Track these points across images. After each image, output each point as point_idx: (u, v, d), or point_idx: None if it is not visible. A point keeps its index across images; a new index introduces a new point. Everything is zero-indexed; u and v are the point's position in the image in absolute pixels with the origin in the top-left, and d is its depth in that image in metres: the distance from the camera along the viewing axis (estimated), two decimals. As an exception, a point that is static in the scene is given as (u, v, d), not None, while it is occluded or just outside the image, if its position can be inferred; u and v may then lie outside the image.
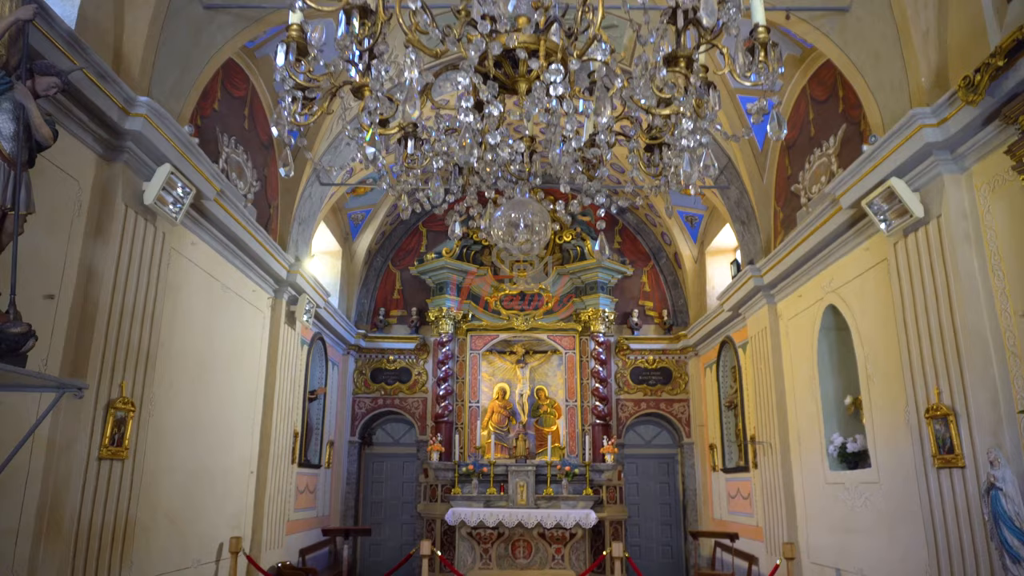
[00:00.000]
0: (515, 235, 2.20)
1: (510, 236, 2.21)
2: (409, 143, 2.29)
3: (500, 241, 2.32)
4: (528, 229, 2.19)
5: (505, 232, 2.22)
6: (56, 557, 4.85)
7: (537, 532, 10.70)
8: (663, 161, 2.34)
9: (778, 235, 8.94)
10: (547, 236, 2.32)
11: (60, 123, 4.92)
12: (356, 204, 12.48)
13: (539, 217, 2.21)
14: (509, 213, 2.20)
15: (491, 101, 1.90)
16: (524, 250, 2.33)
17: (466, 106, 1.88)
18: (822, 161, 7.73)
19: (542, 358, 12.91)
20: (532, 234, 2.21)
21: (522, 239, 2.21)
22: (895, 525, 6.36)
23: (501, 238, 2.27)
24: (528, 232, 2.19)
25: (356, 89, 2.11)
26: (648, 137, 2.39)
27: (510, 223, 2.18)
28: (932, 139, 5.33)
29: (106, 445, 5.29)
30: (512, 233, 2.20)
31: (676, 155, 2.22)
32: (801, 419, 8.36)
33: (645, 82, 1.99)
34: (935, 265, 5.57)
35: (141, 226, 5.83)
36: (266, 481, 8.63)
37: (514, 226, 2.19)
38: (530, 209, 2.20)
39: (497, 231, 2.25)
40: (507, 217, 2.18)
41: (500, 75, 2.19)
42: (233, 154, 7.77)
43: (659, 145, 2.36)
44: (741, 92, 8.71)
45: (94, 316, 5.27)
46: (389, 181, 2.32)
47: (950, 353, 5.38)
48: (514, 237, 2.20)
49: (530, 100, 1.91)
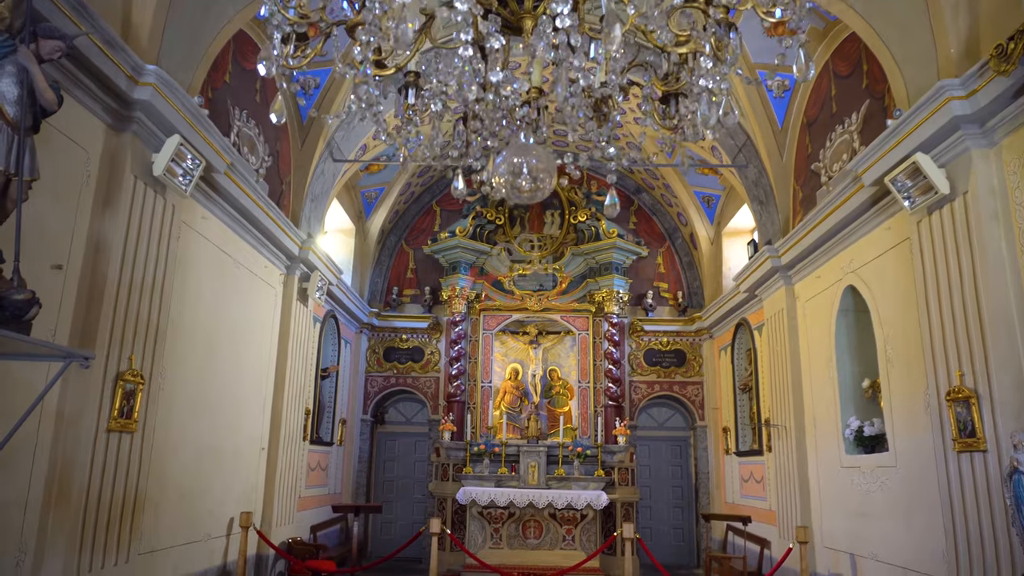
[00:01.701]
0: (518, 182, 2.08)
1: (513, 184, 2.09)
2: (410, 93, 2.18)
3: (502, 189, 2.20)
4: (532, 176, 2.06)
5: (508, 180, 2.10)
6: (65, 529, 4.85)
7: (548, 512, 10.67)
8: (679, 113, 2.21)
9: (797, 215, 8.77)
10: (552, 185, 2.19)
11: (68, 91, 4.87)
12: (370, 182, 12.40)
13: (544, 163, 2.08)
14: (512, 158, 2.07)
15: (492, 34, 1.78)
16: (528, 199, 2.20)
17: (465, 39, 1.77)
18: (844, 139, 7.54)
19: (555, 339, 12.82)
20: (537, 181, 2.08)
21: (526, 187, 2.08)
22: (912, 510, 6.25)
23: (504, 186, 2.15)
24: (532, 179, 2.06)
25: (351, 28, 2.01)
26: (663, 84, 2.25)
27: (513, 169, 2.06)
28: (960, 112, 5.15)
29: (115, 417, 5.27)
30: (515, 180, 2.08)
31: (693, 100, 2.09)
32: (817, 402, 8.23)
33: (660, 14, 1.86)
34: (960, 244, 5.40)
35: (150, 198, 5.78)
36: (277, 458, 8.63)
37: (517, 173, 2.07)
38: (534, 154, 2.08)
39: (499, 178, 2.13)
40: (509, 163, 2.06)
41: (504, 12, 2.06)
42: (245, 128, 7.70)
43: (675, 95, 2.23)
44: (760, 67, 8.51)
45: (103, 288, 5.23)
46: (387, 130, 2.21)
47: (974, 334, 5.23)
48: (517, 184, 2.08)
49: (536, 35, 1.79)
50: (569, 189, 13.35)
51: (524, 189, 2.10)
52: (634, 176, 13.53)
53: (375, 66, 2.11)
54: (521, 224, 13.45)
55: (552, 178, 2.17)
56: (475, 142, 2.35)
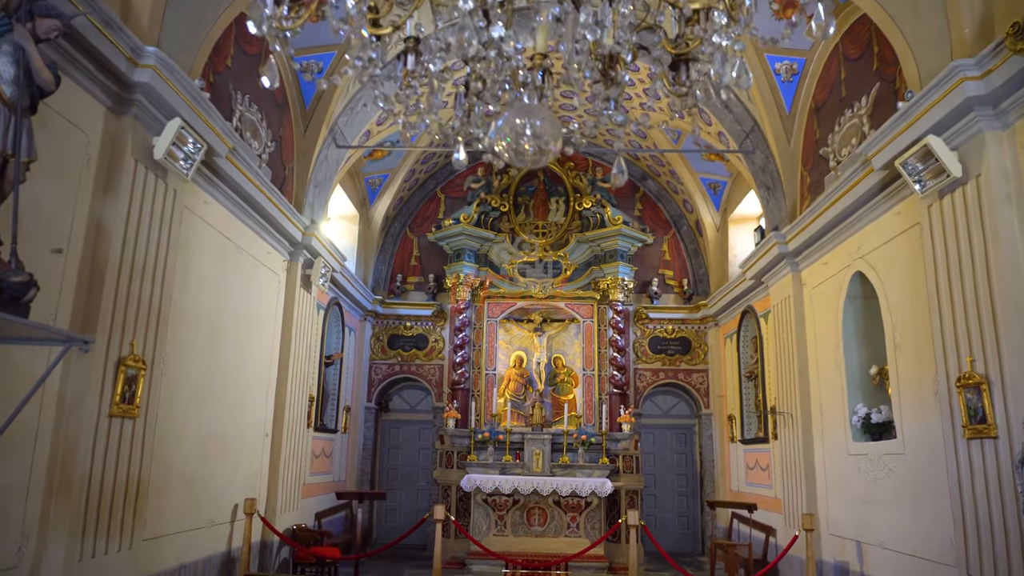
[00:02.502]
0: (521, 144, 1.99)
1: (516, 147, 2.00)
2: (409, 59, 2.11)
3: (504, 153, 2.11)
4: (536, 137, 1.97)
5: (510, 144, 2.01)
6: (67, 514, 4.83)
7: (552, 500, 10.65)
8: (689, 78, 2.12)
9: (804, 201, 8.67)
10: (558, 149, 2.10)
11: (66, 73, 4.80)
12: (373, 169, 12.32)
13: (549, 126, 2.00)
14: (514, 119, 1.99)
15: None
16: (532, 162, 2.11)
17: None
18: (853, 123, 7.44)
19: (560, 326, 12.77)
20: (541, 143, 1.99)
21: (530, 149, 1.99)
22: (920, 497, 6.19)
23: (506, 149, 2.06)
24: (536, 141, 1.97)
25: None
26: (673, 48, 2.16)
27: (515, 131, 1.98)
28: (974, 92, 5.05)
29: (117, 403, 5.23)
30: (518, 143, 1.99)
31: (706, 60, 2.00)
32: (824, 389, 8.17)
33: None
34: (972, 228, 5.32)
35: (151, 182, 5.72)
36: (281, 445, 8.61)
37: (520, 133, 1.98)
38: (539, 115, 1.99)
39: (501, 141, 2.04)
40: (512, 124, 1.98)
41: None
42: (247, 113, 7.62)
43: (685, 61, 2.14)
44: (770, 51, 8.40)
45: (103, 272, 5.18)
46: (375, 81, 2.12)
47: (985, 320, 5.16)
48: (520, 147, 2.00)
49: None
50: (574, 176, 13.26)
51: (528, 152, 2.01)
52: (640, 163, 13.43)
53: (371, 25, 2.03)
54: (526, 211, 13.37)
55: (557, 141, 2.08)
56: (477, 109, 2.27)
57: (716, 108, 9.67)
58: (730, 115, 9.54)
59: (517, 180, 13.35)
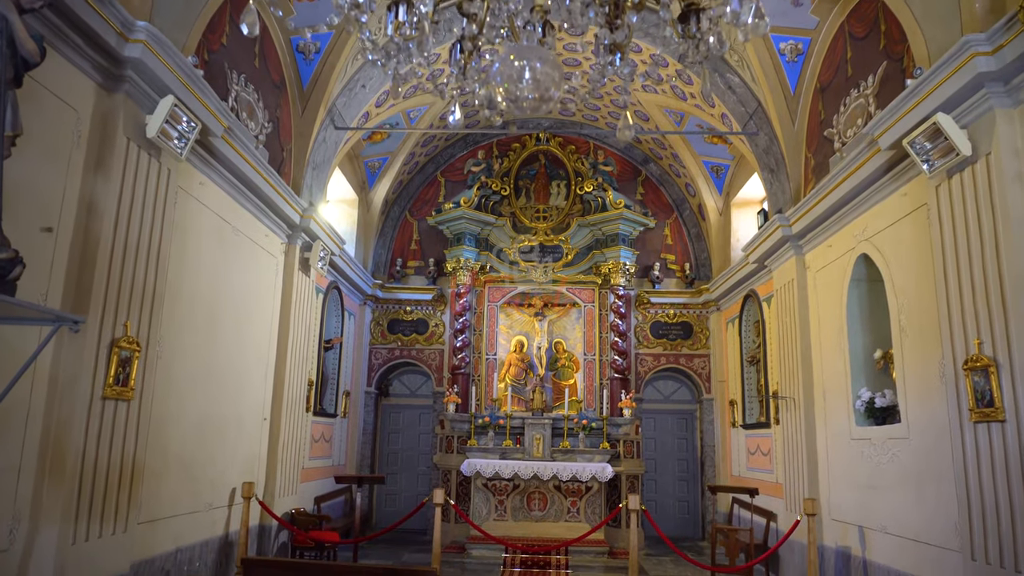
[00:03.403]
0: (520, 88, 1.88)
1: (513, 89, 1.89)
2: (400, 9, 2.00)
3: (500, 97, 2.00)
4: (534, 79, 1.87)
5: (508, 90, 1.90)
6: (60, 496, 4.76)
7: (553, 485, 10.61)
8: (700, 28, 2.01)
9: (808, 183, 8.55)
10: (559, 93, 2.00)
11: (55, 47, 4.70)
12: (373, 152, 12.20)
13: (550, 68, 1.89)
14: (511, 60, 1.88)
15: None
16: (532, 108, 2.01)
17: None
18: (859, 103, 7.30)
19: (561, 311, 12.69)
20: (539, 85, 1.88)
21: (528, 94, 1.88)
22: (924, 482, 6.12)
23: (503, 93, 1.96)
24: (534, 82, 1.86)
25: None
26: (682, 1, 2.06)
27: (513, 73, 1.87)
28: (985, 68, 4.92)
29: (111, 384, 5.16)
30: (515, 86, 1.88)
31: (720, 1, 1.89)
32: (827, 374, 8.09)
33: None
34: (981, 208, 5.21)
35: (145, 161, 5.61)
36: (279, 429, 8.55)
37: (518, 78, 1.87)
38: (539, 56, 1.88)
39: (496, 86, 1.93)
40: (508, 65, 1.87)
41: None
42: (243, 92, 7.50)
43: (695, 11, 2.03)
44: (773, 30, 8.26)
45: (95, 252, 5.08)
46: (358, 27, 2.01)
47: (994, 301, 5.06)
48: (519, 93, 1.89)
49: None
50: (576, 159, 13.13)
51: (526, 98, 1.90)
52: (642, 146, 13.29)
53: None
54: (527, 195, 13.25)
55: (559, 86, 1.97)
56: (475, 62, 2.15)
57: (720, 89, 9.53)
58: (733, 96, 9.40)
59: (518, 163, 13.22)
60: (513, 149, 13.27)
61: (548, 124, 13.17)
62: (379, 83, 9.84)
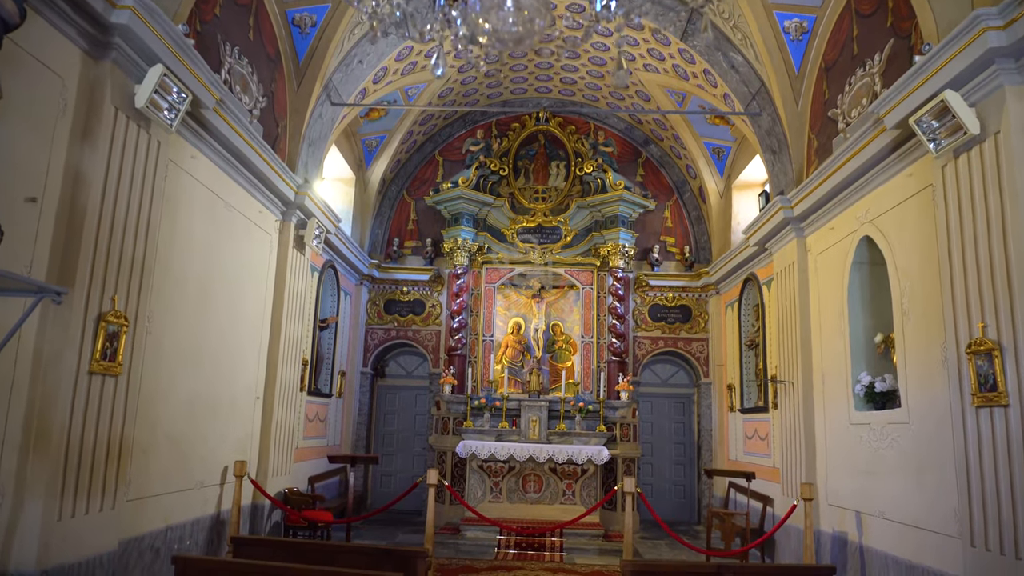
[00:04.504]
0: (501, 16, 1.76)
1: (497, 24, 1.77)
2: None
3: (482, 30, 1.88)
4: (517, 6, 1.75)
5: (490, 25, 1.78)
6: (45, 472, 4.67)
7: (548, 467, 10.56)
8: None
9: (811, 165, 8.42)
10: (546, 23, 1.88)
11: (39, 12, 4.56)
12: (370, 130, 12.04)
13: None
14: None
15: None
16: (515, 39, 1.89)
17: None
18: (864, 82, 7.16)
19: (559, 293, 12.59)
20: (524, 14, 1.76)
21: (511, 22, 1.76)
22: (924, 467, 6.04)
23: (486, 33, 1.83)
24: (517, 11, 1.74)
25: None
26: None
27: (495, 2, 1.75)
28: (996, 43, 4.78)
29: (97, 359, 5.05)
30: (498, 15, 1.76)
31: None
32: (827, 358, 8.00)
33: None
34: (989, 188, 5.09)
35: (133, 131, 5.48)
36: (273, 407, 8.46)
37: (500, 5, 1.75)
38: None
39: (477, 18, 1.81)
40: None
41: None
42: (237, 65, 7.35)
43: None
44: (778, 8, 8.09)
45: (82, 224, 4.96)
46: None
47: (1000, 284, 4.95)
48: (502, 23, 1.77)
49: None
50: (575, 139, 12.97)
51: (508, 29, 1.78)
52: (642, 127, 13.13)
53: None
54: (525, 175, 13.11)
55: (545, 16, 1.85)
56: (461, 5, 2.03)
57: (722, 68, 9.37)
58: (736, 75, 9.24)
59: (517, 143, 13.06)
60: (512, 129, 13.11)
61: (548, 104, 13.00)
62: (376, 59, 9.68)
